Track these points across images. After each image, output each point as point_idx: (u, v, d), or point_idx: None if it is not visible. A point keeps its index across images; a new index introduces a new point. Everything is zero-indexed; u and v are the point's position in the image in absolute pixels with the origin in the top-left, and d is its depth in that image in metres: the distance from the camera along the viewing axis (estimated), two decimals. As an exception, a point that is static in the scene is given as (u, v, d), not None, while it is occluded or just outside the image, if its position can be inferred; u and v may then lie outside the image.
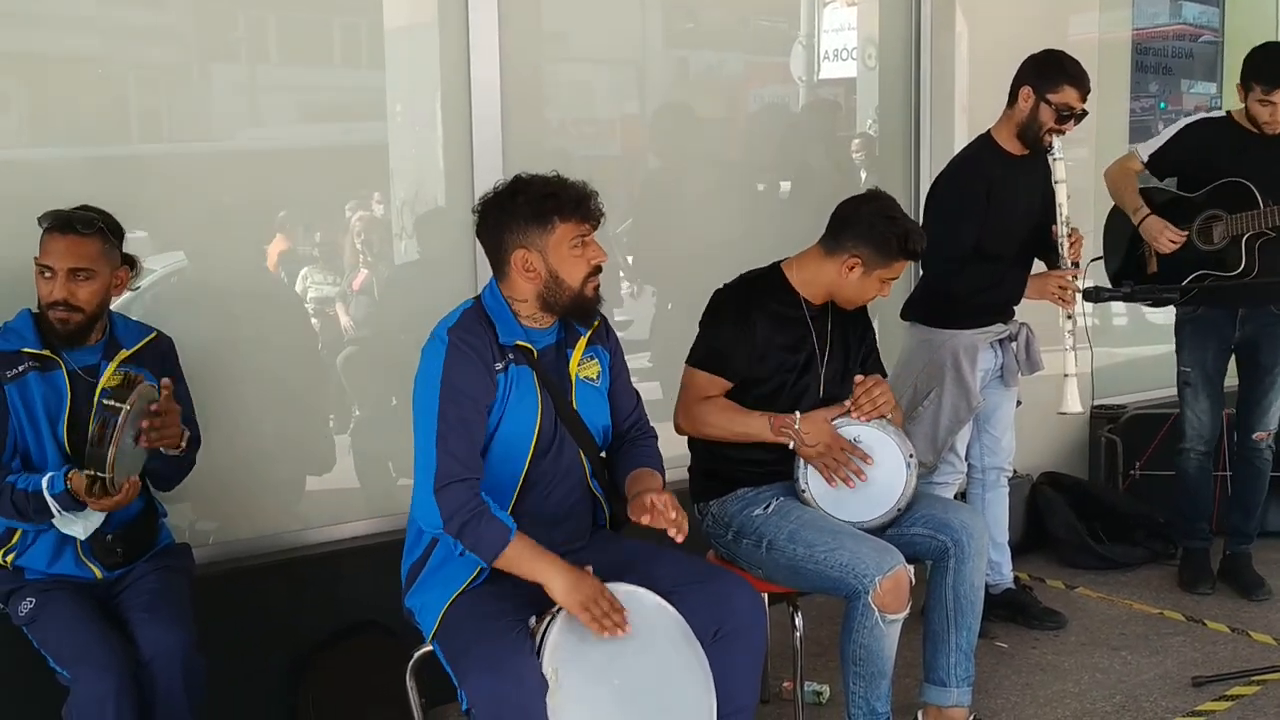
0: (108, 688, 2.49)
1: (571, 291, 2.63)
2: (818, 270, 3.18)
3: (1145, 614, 4.34)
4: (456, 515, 2.47)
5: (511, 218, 2.60)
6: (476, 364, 2.56)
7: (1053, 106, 3.75)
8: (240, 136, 3.50)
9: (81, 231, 2.70)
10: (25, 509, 2.65)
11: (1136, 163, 4.32)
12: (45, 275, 2.71)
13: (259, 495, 3.49)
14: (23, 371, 2.72)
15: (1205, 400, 4.35)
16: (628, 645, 2.47)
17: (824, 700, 3.61)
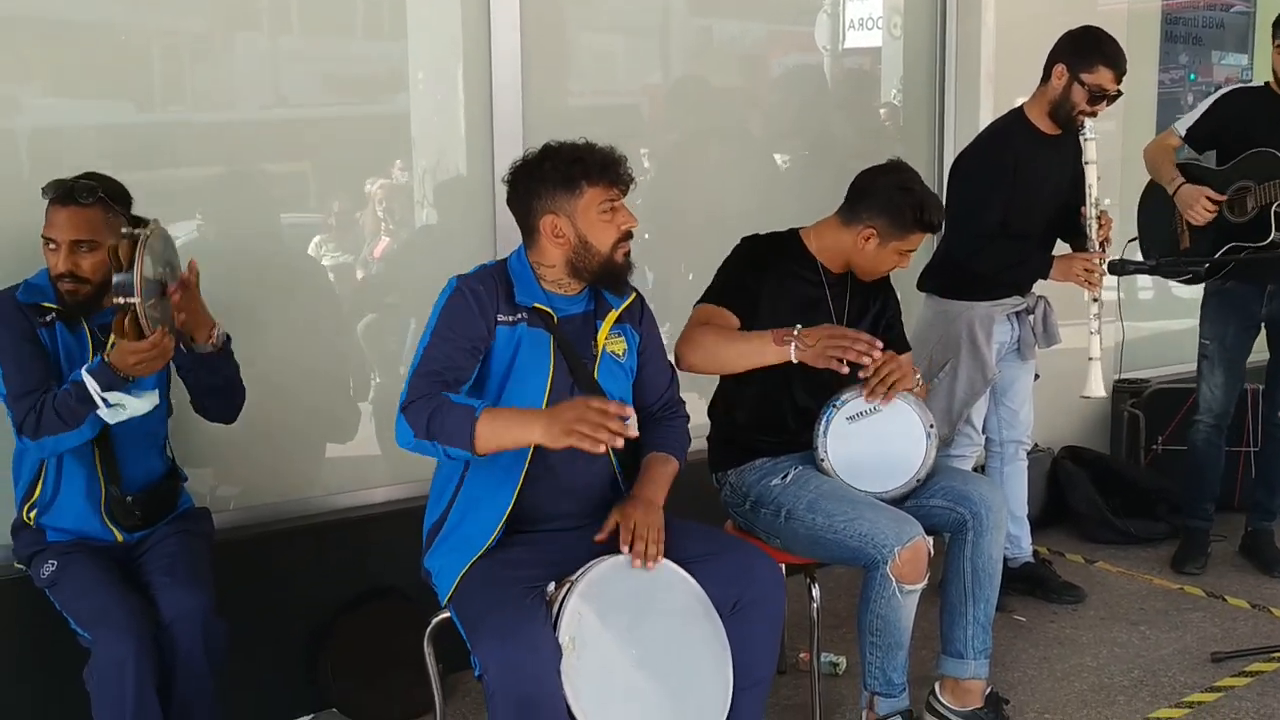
0: (127, 650, 2.51)
1: (601, 257, 2.63)
2: (835, 239, 3.16)
3: (1165, 589, 4.33)
4: (420, 415, 2.45)
5: (540, 184, 2.60)
6: (473, 310, 2.57)
7: (1086, 87, 3.71)
8: (262, 105, 3.50)
9: (82, 202, 2.67)
10: (70, 409, 2.60)
11: (1174, 139, 4.28)
12: (50, 247, 2.70)
13: (280, 461, 3.51)
14: (50, 321, 2.74)
15: (1221, 375, 4.32)
16: (646, 615, 2.48)
17: (840, 671, 3.62)
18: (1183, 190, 4.10)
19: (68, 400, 2.61)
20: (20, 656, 2.97)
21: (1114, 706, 3.43)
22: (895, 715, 3.01)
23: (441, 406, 2.45)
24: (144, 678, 2.53)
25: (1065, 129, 3.80)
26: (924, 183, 3.15)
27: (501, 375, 2.62)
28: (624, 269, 2.68)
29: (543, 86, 3.87)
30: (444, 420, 2.44)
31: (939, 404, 3.89)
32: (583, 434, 2.33)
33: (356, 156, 3.66)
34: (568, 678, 2.32)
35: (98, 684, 2.53)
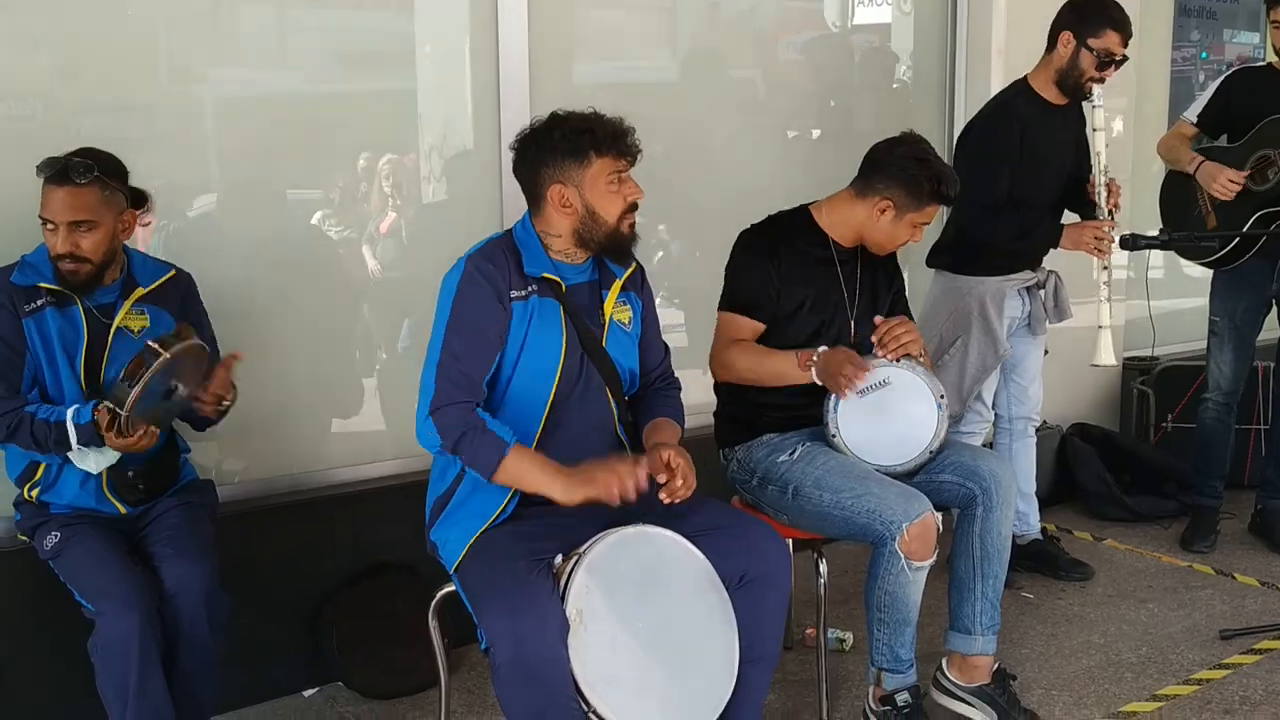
0: (132, 623, 2.51)
1: (608, 228, 2.61)
2: (849, 212, 3.14)
3: (1174, 566, 4.32)
4: (451, 431, 2.48)
5: (548, 153, 2.58)
6: (488, 292, 2.55)
7: (1094, 53, 3.67)
8: (270, 80, 3.48)
9: (78, 182, 2.64)
10: (45, 440, 2.66)
11: (1187, 127, 4.25)
12: (48, 228, 2.68)
13: (285, 435, 3.50)
14: (40, 306, 2.71)
15: (1230, 352, 4.30)
16: (653, 589, 2.47)
17: (847, 648, 3.62)
18: (1204, 167, 4.07)
19: (46, 432, 2.65)
20: (25, 628, 2.98)
21: (1122, 683, 3.42)
22: (902, 691, 3.00)
23: (474, 431, 2.49)
24: (148, 650, 2.53)
25: (1073, 98, 3.77)
26: (939, 155, 3.13)
27: (516, 351, 2.60)
28: (630, 240, 2.67)
29: (550, 62, 3.84)
30: (475, 447, 2.49)
31: (949, 380, 3.87)
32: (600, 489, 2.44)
33: (363, 131, 3.64)
34: (574, 651, 2.30)
35: (102, 656, 2.54)
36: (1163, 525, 4.69)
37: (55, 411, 2.66)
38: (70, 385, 2.73)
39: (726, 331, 3.14)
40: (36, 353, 2.71)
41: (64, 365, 2.72)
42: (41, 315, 2.71)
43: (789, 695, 3.34)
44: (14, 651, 2.97)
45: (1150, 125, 5.33)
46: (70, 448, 2.66)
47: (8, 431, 2.68)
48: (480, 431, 2.49)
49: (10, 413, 2.68)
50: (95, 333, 2.74)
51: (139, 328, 2.80)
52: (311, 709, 3.35)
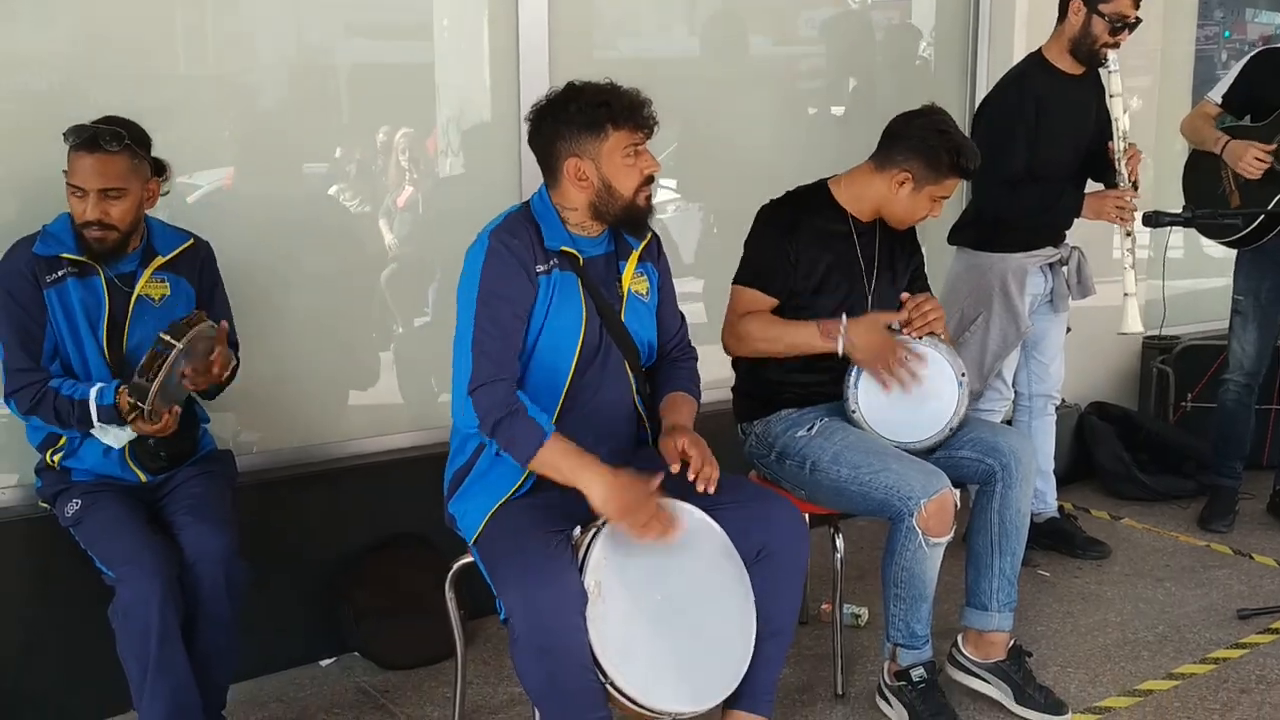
0: (152, 589, 2.52)
1: (624, 201, 2.59)
2: (867, 185, 3.12)
3: (1191, 546, 4.30)
4: (491, 413, 2.47)
5: (565, 125, 2.56)
6: (515, 267, 2.54)
7: (1105, 18, 3.64)
8: (286, 53, 3.47)
9: (109, 150, 2.65)
10: (67, 416, 2.68)
11: (1211, 107, 4.21)
12: (77, 195, 2.68)
13: (303, 407, 3.51)
14: (62, 277, 2.72)
15: (1253, 331, 4.26)
16: (671, 562, 2.47)
17: (863, 623, 3.62)
18: (1231, 145, 4.02)
19: (69, 409, 2.67)
20: (47, 594, 2.99)
21: (1138, 661, 3.41)
22: (918, 667, 3.00)
23: (516, 413, 2.47)
24: (168, 617, 2.54)
25: (1088, 65, 3.74)
26: (959, 127, 3.10)
27: (538, 325, 2.59)
28: (645, 213, 2.65)
29: (570, 33, 3.82)
30: (514, 430, 2.47)
31: (970, 357, 3.86)
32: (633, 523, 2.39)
33: (381, 104, 3.63)
34: (592, 623, 2.31)
35: (122, 622, 2.55)
36: (1181, 505, 4.68)
37: (79, 389, 2.68)
38: (94, 355, 2.74)
39: (740, 305, 3.12)
40: (58, 323, 2.72)
41: (87, 335, 2.73)
42: (63, 285, 2.72)
43: (804, 669, 3.35)
44: (37, 618, 2.99)
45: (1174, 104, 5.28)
46: (92, 425, 2.68)
47: (31, 404, 2.70)
48: (520, 417, 2.47)
49: (34, 385, 2.69)
50: (117, 302, 2.75)
51: (159, 295, 2.81)
52: (329, 679, 3.37)
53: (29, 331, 2.71)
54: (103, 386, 2.66)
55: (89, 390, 2.66)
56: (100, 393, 2.65)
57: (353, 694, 3.28)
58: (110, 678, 2.61)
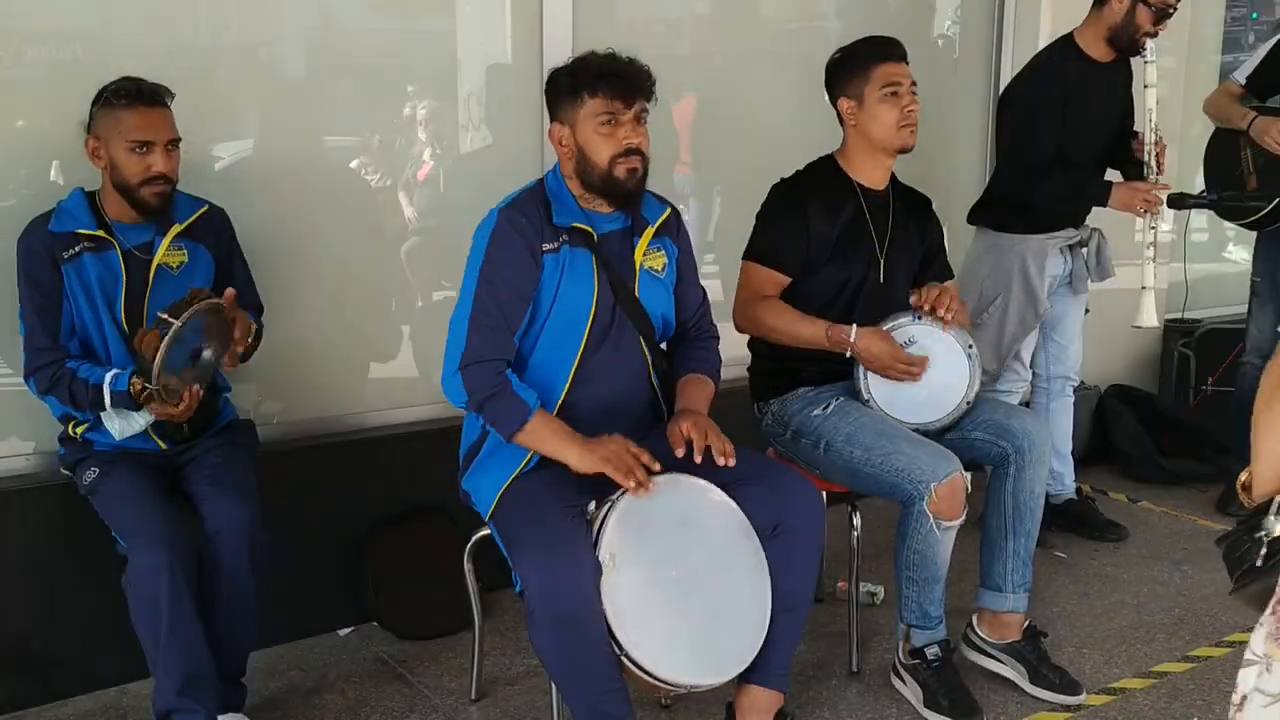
0: (162, 560, 2.53)
1: (600, 171, 2.57)
2: (849, 146, 3.16)
3: (1209, 530, 4.29)
4: (479, 390, 2.50)
5: (554, 90, 2.61)
6: (519, 247, 2.54)
7: (1151, 7, 3.61)
8: (308, 24, 3.47)
9: (165, 102, 2.71)
10: (81, 398, 2.69)
11: (1235, 87, 4.17)
12: (139, 150, 2.68)
13: (324, 379, 3.53)
14: (78, 253, 2.73)
15: (1271, 313, 4.24)
16: (687, 536, 2.48)
17: (878, 601, 3.63)
18: (1258, 121, 3.97)
19: (84, 392, 2.68)
20: (71, 560, 3.02)
21: (1153, 644, 3.41)
22: (932, 645, 3.01)
23: (501, 391, 2.50)
24: (179, 587, 2.55)
25: (1127, 53, 3.71)
26: None
27: (549, 303, 2.60)
28: (627, 186, 2.59)
29: (592, 10, 3.81)
30: (499, 408, 2.50)
31: (989, 338, 3.85)
32: (616, 466, 2.40)
33: (403, 77, 3.63)
34: (607, 595, 2.32)
35: (134, 591, 2.56)
36: (1199, 488, 4.66)
37: (95, 373, 2.69)
38: (111, 331, 2.76)
39: (750, 281, 3.13)
40: (76, 300, 2.73)
41: (104, 311, 2.75)
42: (80, 261, 2.73)
43: (819, 646, 3.36)
44: (61, 584, 3.03)
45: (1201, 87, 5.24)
46: (105, 409, 2.70)
47: (49, 384, 2.71)
48: (506, 394, 2.49)
49: (52, 365, 2.71)
50: (135, 274, 2.76)
51: (178, 264, 2.83)
52: (347, 648, 3.40)
53: (48, 310, 2.72)
54: (118, 373, 2.66)
55: (104, 375, 2.67)
56: (115, 378, 2.66)
57: (371, 663, 3.31)
58: (132, 643, 2.63)
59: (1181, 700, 3.11)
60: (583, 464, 2.45)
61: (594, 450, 2.44)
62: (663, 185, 3.05)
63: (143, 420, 2.76)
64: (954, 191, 4.70)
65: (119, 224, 2.78)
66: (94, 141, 2.71)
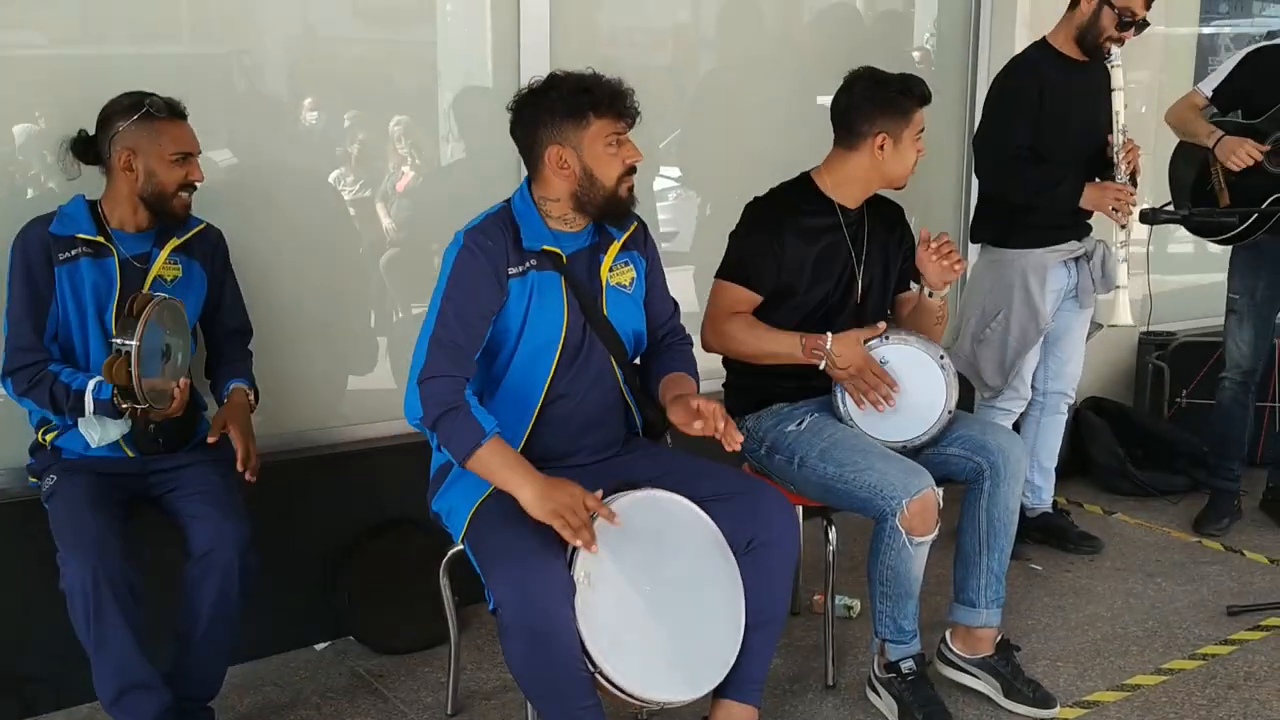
0: (84, 574, 2.51)
1: (605, 191, 2.59)
2: (849, 169, 3.12)
3: (1183, 542, 4.32)
4: (434, 408, 2.46)
5: (546, 113, 2.56)
6: (485, 268, 2.54)
7: (1115, 10, 3.66)
8: (289, 36, 3.47)
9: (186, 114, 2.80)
10: (62, 402, 2.69)
11: (1199, 98, 4.18)
12: (178, 161, 2.76)
13: (301, 392, 3.52)
14: (75, 256, 2.74)
15: (1250, 330, 4.26)
16: (661, 552, 2.49)
17: (854, 614, 3.64)
18: (1225, 140, 3.99)
19: (64, 396, 2.69)
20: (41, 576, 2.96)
21: (1127, 657, 3.43)
22: (907, 659, 3.02)
23: (455, 412, 2.46)
24: (105, 600, 2.53)
25: (1091, 57, 3.75)
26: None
27: (517, 329, 2.60)
28: (627, 203, 2.64)
29: (571, 19, 3.82)
30: (452, 428, 2.46)
31: (992, 354, 3.87)
32: (565, 522, 2.35)
33: (383, 88, 3.63)
34: (581, 612, 2.33)
35: (68, 601, 2.56)
36: (1172, 500, 4.69)
37: (78, 379, 2.69)
38: (96, 338, 2.76)
39: (722, 300, 3.12)
40: (65, 302, 2.74)
41: (92, 318, 2.75)
42: (76, 265, 2.74)
43: (795, 660, 3.37)
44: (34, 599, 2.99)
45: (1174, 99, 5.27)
46: (84, 414, 2.69)
47: (29, 384, 2.71)
48: (462, 415, 2.46)
49: (34, 366, 2.71)
50: (130, 283, 2.77)
51: (171, 277, 2.85)
52: (323, 662, 3.39)
53: (38, 308, 2.73)
54: (100, 380, 2.66)
55: (87, 381, 2.67)
56: (99, 386, 2.66)
57: (347, 678, 3.31)
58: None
59: (1154, 713, 3.13)
60: (534, 510, 2.38)
61: (546, 500, 2.37)
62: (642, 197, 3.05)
63: (118, 430, 2.76)
64: (932, 202, 4.74)
65: (119, 233, 2.80)
66: (126, 153, 2.73)
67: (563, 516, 2.35)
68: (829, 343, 2.98)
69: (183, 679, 2.78)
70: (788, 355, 3.03)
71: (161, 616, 2.73)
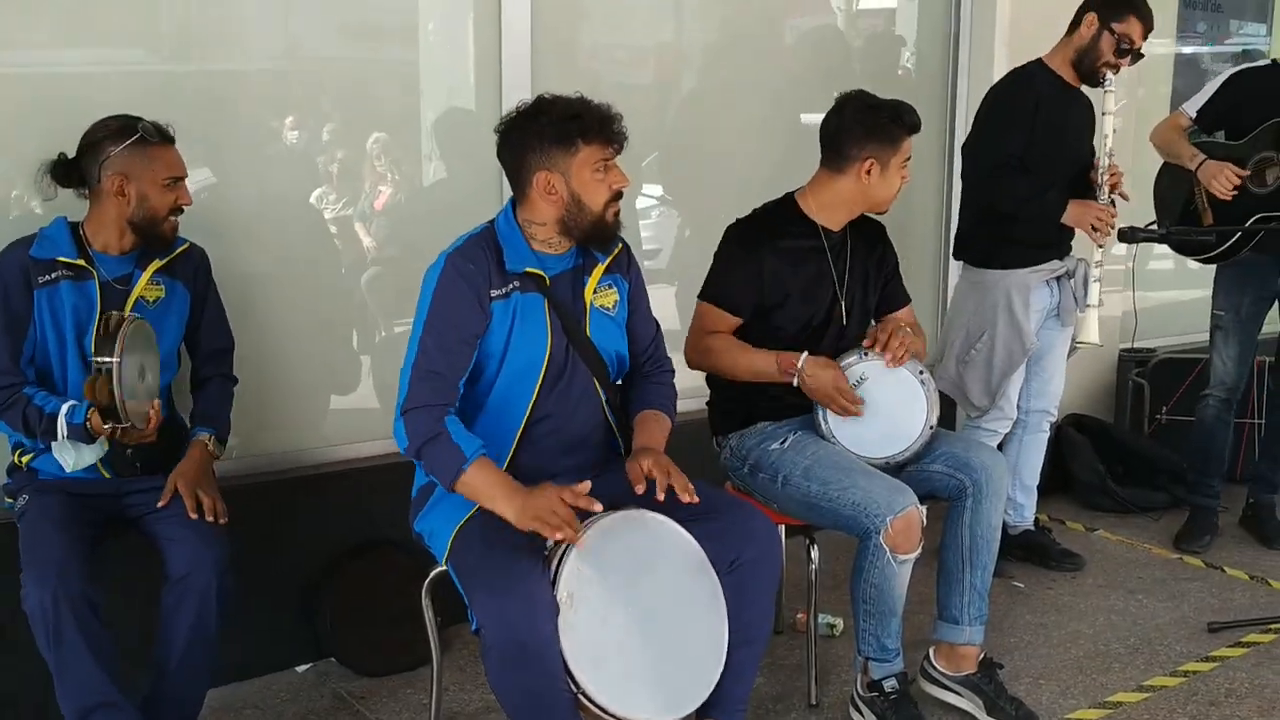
0: (41, 598, 2.49)
1: (593, 216, 2.59)
2: (834, 192, 3.13)
3: (1164, 559, 4.34)
4: (417, 438, 2.48)
5: (535, 138, 2.56)
6: (466, 292, 2.54)
7: (1115, 36, 3.70)
8: (271, 54, 3.47)
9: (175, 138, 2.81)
10: (35, 425, 2.68)
11: (1184, 119, 4.22)
12: (172, 186, 2.77)
13: (282, 413, 3.51)
14: (55, 279, 2.73)
15: (1235, 347, 4.29)
16: (644, 572, 2.48)
17: (837, 633, 3.64)
18: (1206, 165, 4.03)
19: (38, 420, 2.67)
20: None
21: (1109, 674, 3.44)
22: (890, 678, 3.02)
23: (437, 440, 2.47)
24: (64, 621, 2.51)
25: (1087, 80, 3.78)
26: None
27: (500, 351, 2.60)
28: (613, 228, 2.65)
29: (553, 40, 3.83)
30: (435, 454, 2.48)
31: (977, 375, 3.88)
32: (545, 523, 2.37)
33: (364, 107, 3.64)
34: (564, 632, 2.32)
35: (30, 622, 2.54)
36: (1153, 517, 4.71)
37: (51, 402, 2.68)
38: (74, 363, 2.74)
39: (704, 322, 3.13)
40: (43, 325, 2.73)
41: (71, 341, 2.74)
42: (56, 288, 2.73)
43: (778, 679, 3.37)
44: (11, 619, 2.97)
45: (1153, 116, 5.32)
46: (56, 439, 2.68)
47: (2, 407, 2.70)
48: (443, 442, 2.47)
49: (9, 389, 2.70)
50: (111, 306, 2.75)
51: (154, 298, 2.84)
52: (305, 685, 3.37)
53: (14, 332, 2.71)
54: (74, 404, 2.65)
55: (60, 406, 2.66)
56: (72, 410, 2.65)
57: (329, 700, 3.29)
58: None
59: (1136, 731, 3.14)
60: (518, 524, 2.40)
61: (526, 509, 2.39)
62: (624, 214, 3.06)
63: (94, 454, 2.74)
64: (913, 222, 4.76)
65: (102, 255, 2.79)
66: (119, 179, 2.72)
67: (541, 518, 2.37)
68: (802, 362, 2.99)
69: (161, 703, 2.75)
70: (764, 374, 3.04)
71: (140, 640, 2.71)
